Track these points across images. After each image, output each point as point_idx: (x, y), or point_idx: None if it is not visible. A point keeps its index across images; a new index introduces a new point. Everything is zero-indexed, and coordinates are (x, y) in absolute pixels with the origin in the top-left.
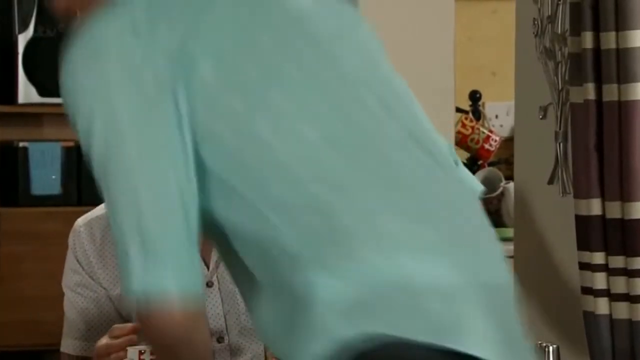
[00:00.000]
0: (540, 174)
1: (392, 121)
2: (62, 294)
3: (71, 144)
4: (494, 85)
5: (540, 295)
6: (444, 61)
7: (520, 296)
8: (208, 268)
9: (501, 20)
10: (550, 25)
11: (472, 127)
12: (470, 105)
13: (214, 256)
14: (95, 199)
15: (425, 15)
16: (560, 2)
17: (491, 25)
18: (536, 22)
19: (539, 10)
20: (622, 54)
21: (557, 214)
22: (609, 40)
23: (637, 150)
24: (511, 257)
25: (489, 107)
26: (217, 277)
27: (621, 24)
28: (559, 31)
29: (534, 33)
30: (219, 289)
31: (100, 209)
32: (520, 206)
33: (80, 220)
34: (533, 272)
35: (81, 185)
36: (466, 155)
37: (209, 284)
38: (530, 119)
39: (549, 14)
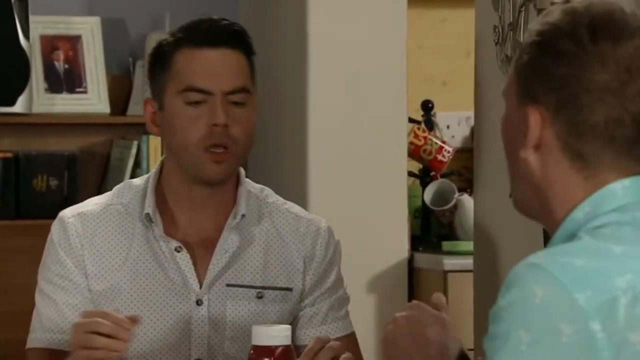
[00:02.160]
0: (501, 186)
1: None
2: (7, 311)
3: (9, 154)
4: (445, 95)
5: None
6: (396, 70)
7: (480, 311)
8: (201, 286)
9: (451, 29)
10: (511, 32)
11: (425, 138)
12: (423, 115)
13: (209, 276)
14: (33, 212)
15: (377, 25)
16: (523, 9)
17: (441, 34)
18: (497, 30)
19: (500, 17)
20: None
21: (518, 228)
22: None
23: None
24: (470, 271)
25: (440, 117)
26: (208, 297)
27: None
28: (522, 39)
29: (494, 41)
30: (207, 309)
31: (89, 204)
32: (479, 220)
33: (68, 212)
34: (493, 286)
35: (19, 198)
36: (419, 166)
37: (199, 302)
38: (490, 130)
39: (511, 21)
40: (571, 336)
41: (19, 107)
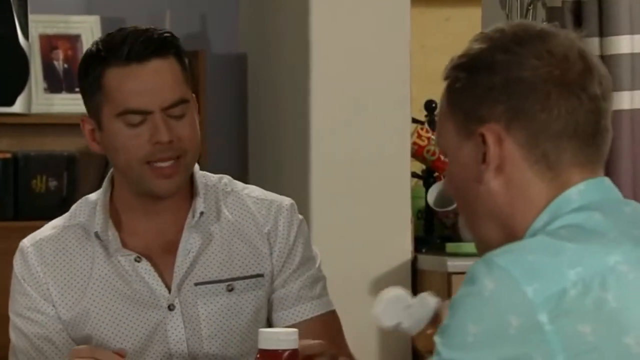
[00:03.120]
0: None
1: None
2: (6, 313)
3: (8, 155)
4: None
5: None
6: (400, 70)
7: None
8: (170, 290)
9: (454, 28)
10: None
11: (428, 138)
12: (426, 115)
13: (176, 278)
14: (32, 213)
15: (379, 24)
16: (531, 7)
17: (444, 33)
18: None
19: (507, 15)
20: (606, 62)
21: None
22: (592, 47)
23: (621, 160)
24: None
25: None
26: (179, 300)
27: (605, 30)
28: None
29: None
30: (181, 312)
31: (47, 229)
32: None
33: (27, 241)
34: None
35: (18, 199)
36: (422, 167)
37: (171, 307)
38: None
39: (518, 19)
40: (518, 328)
41: (17, 107)
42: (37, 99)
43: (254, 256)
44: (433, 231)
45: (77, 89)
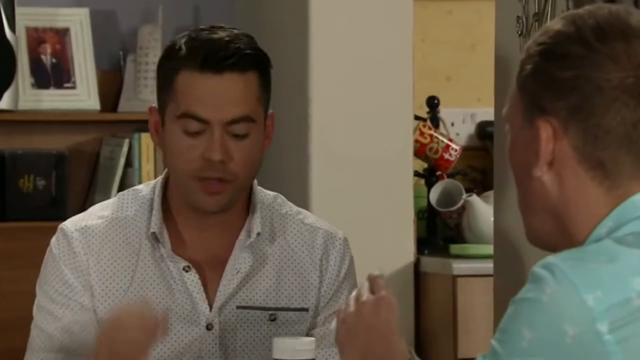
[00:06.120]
0: None
1: None
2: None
3: None
4: (449, 90)
5: None
6: (402, 65)
7: (501, 317)
8: (211, 309)
9: (456, 22)
10: (537, 23)
11: (431, 136)
12: (428, 112)
13: (220, 297)
14: (20, 214)
15: (382, 19)
16: None
17: (446, 26)
18: (520, 21)
19: (524, 7)
20: None
21: None
22: None
23: None
24: (480, 275)
25: (444, 113)
26: (219, 320)
27: None
28: None
29: (517, 32)
30: (219, 334)
31: (93, 217)
32: (499, 222)
33: (71, 226)
34: (515, 292)
35: (5, 199)
36: (424, 165)
37: (209, 327)
38: None
39: (536, 11)
40: (575, 337)
41: (4, 103)
42: (24, 95)
43: (302, 288)
44: (436, 232)
45: (66, 85)
